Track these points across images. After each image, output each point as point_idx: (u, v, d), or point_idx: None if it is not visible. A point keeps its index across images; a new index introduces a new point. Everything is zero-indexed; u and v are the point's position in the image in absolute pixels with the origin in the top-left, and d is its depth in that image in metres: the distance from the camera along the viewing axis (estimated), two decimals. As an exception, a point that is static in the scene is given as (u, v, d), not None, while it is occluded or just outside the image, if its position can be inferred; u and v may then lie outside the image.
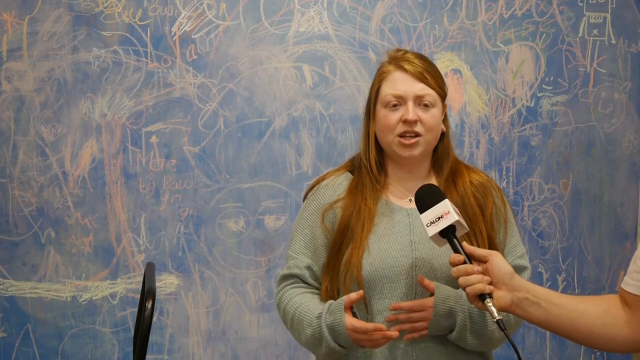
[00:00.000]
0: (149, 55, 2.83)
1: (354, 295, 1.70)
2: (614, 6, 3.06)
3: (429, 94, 1.80)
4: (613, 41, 3.07)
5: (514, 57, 3.01)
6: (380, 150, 1.87)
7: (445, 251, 1.74)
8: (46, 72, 2.80)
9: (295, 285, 1.85)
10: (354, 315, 1.72)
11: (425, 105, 1.80)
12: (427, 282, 1.72)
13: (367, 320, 1.75)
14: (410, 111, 1.77)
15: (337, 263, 1.80)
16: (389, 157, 1.87)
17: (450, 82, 2.97)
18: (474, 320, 1.72)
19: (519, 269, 1.80)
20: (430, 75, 1.81)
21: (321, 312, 1.73)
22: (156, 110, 2.85)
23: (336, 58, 2.91)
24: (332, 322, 1.70)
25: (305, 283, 1.85)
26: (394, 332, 1.68)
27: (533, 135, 3.04)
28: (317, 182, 1.92)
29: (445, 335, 1.75)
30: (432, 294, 1.73)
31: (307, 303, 1.79)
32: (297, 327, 1.78)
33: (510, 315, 1.75)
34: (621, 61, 3.08)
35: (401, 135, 1.79)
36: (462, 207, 1.77)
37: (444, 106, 1.86)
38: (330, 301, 1.75)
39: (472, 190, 1.82)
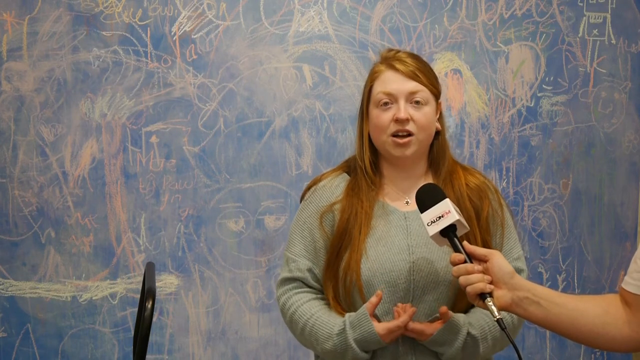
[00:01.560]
0: (149, 55, 2.83)
1: (374, 300, 1.70)
2: (614, 6, 3.06)
3: (421, 91, 1.79)
4: (613, 41, 3.07)
5: (514, 57, 3.01)
6: (375, 150, 1.85)
7: (442, 255, 1.74)
8: (46, 72, 2.80)
9: (300, 290, 1.83)
10: (376, 317, 1.73)
11: (417, 103, 1.78)
12: (443, 310, 1.71)
13: None
14: (402, 109, 1.76)
15: (337, 268, 1.79)
16: (383, 157, 1.86)
17: (450, 82, 2.97)
18: (467, 351, 1.73)
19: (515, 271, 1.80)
20: (422, 73, 1.80)
21: (342, 329, 1.72)
22: (156, 110, 2.85)
23: (336, 58, 2.91)
24: (361, 335, 1.70)
25: (308, 286, 1.84)
26: (412, 310, 1.70)
27: (533, 135, 3.04)
28: (314, 183, 1.90)
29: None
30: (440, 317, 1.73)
31: (317, 314, 1.77)
32: (310, 338, 1.77)
33: (515, 317, 1.76)
34: (621, 61, 3.08)
35: (394, 135, 1.78)
36: None
37: (438, 104, 1.85)
38: (347, 315, 1.74)
39: (468, 193, 1.81)
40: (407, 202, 1.82)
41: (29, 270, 2.82)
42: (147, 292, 1.78)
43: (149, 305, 1.71)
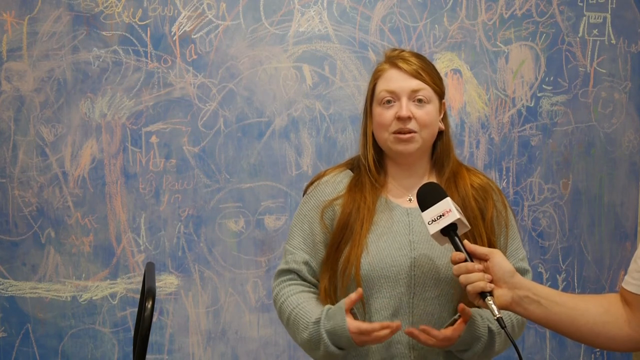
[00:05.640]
0: (149, 55, 2.83)
1: (353, 296, 1.68)
2: (614, 6, 3.06)
3: (424, 89, 1.79)
4: (613, 41, 3.07)
5: (514, 57, 3.01)
6: (379, 149, 1.86)
7: (444, 251, 1.74)
8: (46, 72, 2.80)
9: (293, 282, 1.84)
10: (354, 316, 1.71)
11: (420, 101, 1.79)
12: (461, 307, 1.65)
13: (364, 319, 1.75)
14: (404, 107, 1.77)
15: (336, 261, 1.79)
16: (387, 155, 1.87)
17: (450, 82, 2.97)
18: (486, 347, 1.73)
19: (521, 272, 1.78)
20: (425, 72, 1.81)
21: (319, 318, 1.72)
22: (156, 110, 2.85)
23: (336, 58, 2.91)
24: (333, 327, 1.68)
25: (303, 279, 1.85)
26: (397, 323, 1.65)
27: (533, 135, 3.04)
28: (318, 178, 1.91)
29: None
30: (458, 318, 1.70)
31: (303, 304, 1.78)
32: (293, 328, 1.78)
33: (515, 320, 1.76)
34: (621, 61, 3.08)
35: (396, 132, 1.79)
36: (462, 210, 1.76)
37: (442, 104, 1.86)
38: (328, 306, 1.74)
39: (472, 193, 1.81)
40: (409, 199, 1.83)
41: (29, 270, 2.82)
42: (147, 292, 1.77)
43: (149, 305, 1.71)
